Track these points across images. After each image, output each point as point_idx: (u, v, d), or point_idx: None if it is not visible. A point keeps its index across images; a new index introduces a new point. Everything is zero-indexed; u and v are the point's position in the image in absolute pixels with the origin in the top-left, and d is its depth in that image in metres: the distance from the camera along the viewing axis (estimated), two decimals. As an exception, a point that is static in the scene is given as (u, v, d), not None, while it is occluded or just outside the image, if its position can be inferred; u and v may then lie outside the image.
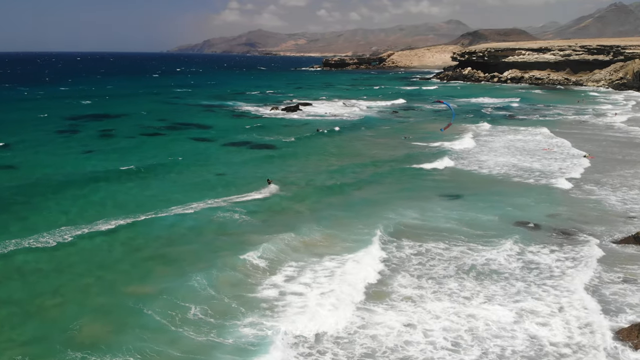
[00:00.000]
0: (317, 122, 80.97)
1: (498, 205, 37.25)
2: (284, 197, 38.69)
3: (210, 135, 67.92)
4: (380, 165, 49.65)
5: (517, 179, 45.67)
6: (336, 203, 37.37)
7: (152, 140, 63.54)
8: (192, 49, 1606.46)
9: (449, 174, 47.22)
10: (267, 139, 65.10)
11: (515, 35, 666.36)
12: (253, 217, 33.80)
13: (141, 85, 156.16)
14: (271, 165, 49.48)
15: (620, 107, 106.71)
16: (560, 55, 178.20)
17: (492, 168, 49.53)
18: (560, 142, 64.58)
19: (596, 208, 37.00)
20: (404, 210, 35.76)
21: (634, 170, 48.78)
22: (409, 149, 58.56)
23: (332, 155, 54.22)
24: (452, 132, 70.93)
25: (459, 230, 31.71)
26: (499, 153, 57.26)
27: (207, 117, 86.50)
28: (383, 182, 43.33)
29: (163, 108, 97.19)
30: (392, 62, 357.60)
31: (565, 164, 51.97)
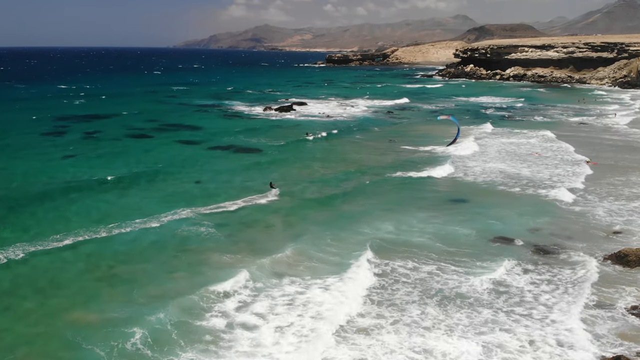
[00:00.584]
0: (309, 124, 79.49)
1: (479, 218, 35.70)
2: (257, 208, 37.28)
3: (197, 137, 66.59)
4: (363, 173, 48.00)
5: (504, 187, 44.01)
6: (311, 217, 35.87)
7: (137, 143, 62.23)
8: (199, 44, 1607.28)
9: (433, 182, 45.60)
10: (254, 142, 63.68)
11: (522, 31, 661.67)
12: (220, 230, 32.41)
13: (139, 83, 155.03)
14: (252, 173, 47.98)
15: (626, 108, 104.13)
16: (564, 53, 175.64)
17: (479, 175, 47.81)
18: (563, 146, 62.62)
19: (582, 222, 35.34)
20: (380, 223, 34.33)
21: (635, 178, 46.99)
22: (397, 155, 56.95)
23: (316, 162, 52.64)
24: (447, 133, 69.41)
25: (431, 247, 30.23)
26: (490, 158, 55.55)
27: (199, 117, 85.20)
28: (363, 193, 41.75)
29: (156, 108, 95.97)
30: (395, 58, 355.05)
31: (559, 170, 50.23)
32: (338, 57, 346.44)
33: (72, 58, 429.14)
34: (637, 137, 69.96)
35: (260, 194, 40.20)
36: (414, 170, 49.33)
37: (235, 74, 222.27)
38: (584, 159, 55.15)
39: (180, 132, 70.91)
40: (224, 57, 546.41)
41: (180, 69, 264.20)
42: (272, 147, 60.60)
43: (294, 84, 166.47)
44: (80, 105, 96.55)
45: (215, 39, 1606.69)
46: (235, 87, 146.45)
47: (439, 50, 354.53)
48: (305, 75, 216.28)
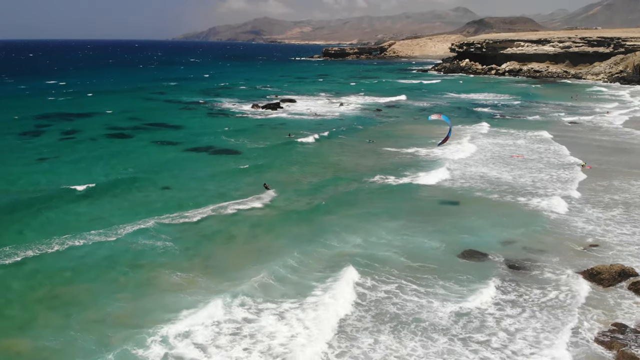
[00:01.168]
0: (294, 124, 78.00)
1: (450, 229, 34.33)
2: (222, 219, 35.86)
3: (177, 137, 65.15)
4: (339, 179, 46.48)
5: (481, 194, 42.61)
6: (277, 229, 34.46)
7: (113, 145, 60.74)
8: (198, 36, 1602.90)
9: (409, 189, 44.07)
10: (234, 143, 62.23)
11: (522, 24, 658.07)
12: (177, 244, 31.04)
13: (130, 79, 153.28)
14: (226, 178, 46.47)
15: (622, 106, 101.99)
16: (560, 47, 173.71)
17: (458, 180, 46.38)
18: (554, 148, 61.33)
19: (559, 233, 33.94)
20: (350, 235, 33.02)
21: (621, 183, 45.61)
22: (377, 158, 55.43)
23: (293, 166, 51.14)
24: (432, 133, 68.01)
25: (395, 262, 28.88)
26: (473, 162, 54.07)
27: (183, 116, 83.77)
28: (336, 202, 40.26)
29: (141, 105, 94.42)
30: (393, 51, 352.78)
31: (543, 175, 48.84)
32: (335, 51, 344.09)
33: (68, 51, 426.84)
34: (633, 139, 68.30)
35: (229, 202, 38.80)
36: (392, 175, 47.90)
37: (229, 69, 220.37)
38: (577, 162, 53.58)
39: (160, 131, 69.50)
40: (222, 50, 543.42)
41: (175, 63, 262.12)
42: (251, 149, 59.12)
43: (287, 80, 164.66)
44: (65, 103, 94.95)
45: (214, 31, 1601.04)
46: (226, 83, 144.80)
47: (436, 44, 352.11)
48: (300, 70, 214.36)
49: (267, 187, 42.77)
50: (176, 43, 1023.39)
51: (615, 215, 37.33)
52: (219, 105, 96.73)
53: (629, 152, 59.28)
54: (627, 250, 31.10)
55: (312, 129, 72.38)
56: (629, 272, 27.62)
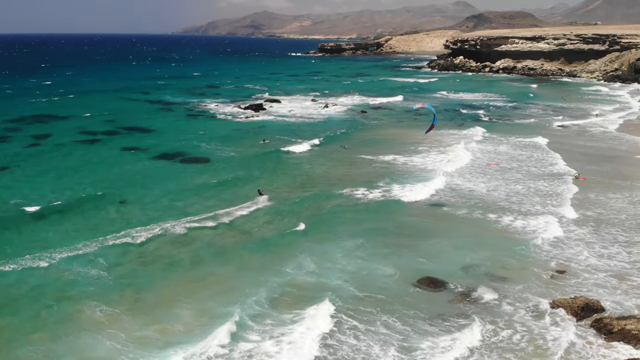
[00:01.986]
0: (273, 127, 75.98)
1: (408, 252, 32.36)
2: (168, 240, 33.81)
3: (147, 143, 63.10)
4: (304, 192, 44.50)
5: (449, 209, 40.58)
6: (227, 252, 32.51)
7: (80, 151, 58.67)
8: (197, 30, 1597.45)
9: (377, 203, 41.93)
10: (205, 149, 60.22)
11: (521, 19, 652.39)
12: (112, 271, 29.06)
13: (118, 77, 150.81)
14: (187, 190, 44.33)
15: (619, 107, 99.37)
16: (555, 45, 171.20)
17: (427, 193, 44.28)
18: (543, 156, 59.44)
19: (525, 257, 31.98)
20: (304, 259, 31.09)
21: (604, 197, 43.60)
22: (350, 167, 53.35)
23: (258, 177, 49.02)
24: (412, 140, 66.05)
25: (343, 292, 26.97)
26: (449, 172, 51.95)
27: (160, 118, 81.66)
28: (297, 218, 38.30)
29: (121, 107, 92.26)
30: (389, 47, 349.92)
31: (520, 187, 46.79)
32: (331, 47, 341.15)
33: (64, 46, 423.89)
34: (620, 144, 66.18)
35: (181, 219, 36.78)
36: (361, 187, 45.82)
37: (221, 65, 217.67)
38: (569, 171, 51.41)
39: (132, 136, 67.55)
40: (219, 45, 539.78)
41: (168, 59, 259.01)
42: (221, 157, 57.05)
43: (278, 77, 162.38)
44: (43, 105, 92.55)
45: (213, 25, 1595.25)
46: (214, 81, 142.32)
47: (433, 39, 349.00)
48: (293, 67, 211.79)
49: (261, 193, 42.99)
50: (175, 37, 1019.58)
51: (585, 234, 35.32)
52: (201, 106, 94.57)
53: (612, 160, 57.14)
54: (594, 278, 29.12)
55: (289, 133, 70.28)
56: (593, 307, 25.65)
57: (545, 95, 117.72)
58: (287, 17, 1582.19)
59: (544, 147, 63.10)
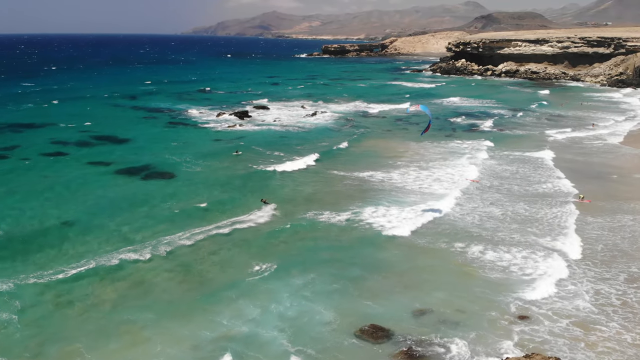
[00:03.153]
0: (252, 137, 73.12)
1: (358, 292, 29.30)
2: (99, 274, 30.91)
3: (115, 156, 60.43)
4: (260, 215, 41.54)
5: (413, 237, 37.37)
6: (156, 293, 29.52)
7: (41, 166, 55.85)
8: (207, 30, 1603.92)
9: (340, 229, 38.82)
10: (174, 162, 57.43)
11: (530, 19, 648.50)
12: (25, 315, 26.26)
13: (110, 81, 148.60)
14: (141, 211, 41.57)
15: (622, 115, 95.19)
16: (558, 48, 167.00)
17: (393, 219, 41.06)
18: (529, 172, 56.27)
19: (486, 299, 28.76)
20: (246, 303, 28.07)
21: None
22: (323, 184, 50.24)
23: (219, 196, 46.08)
24: (393, 153, 62.90)
25: (272, 348, 23.97)
26: (420, 190, 48.74)
27: (138, 127, 78.98)
28: (249, 247, 35.32)
29: (102, 114, 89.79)
30: (394, 49, 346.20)
31: (497, 210, 43.46)
32: (335, 48, 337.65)
33: (69, 48, 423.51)
34: (613, 159, 62.57)
35: (120, 249, 33.89)
36: (327, 209, 42.74)
37: (220, 68, 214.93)
38: (572, 192, 47.82)
39: (103, 147, 65.01)
40: (224, 46, 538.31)
41: (168, 62, 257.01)
42: (187, 172, 54.19)
43: (275, 81, 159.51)
44: (22, 112, 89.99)
45: (223, 25, 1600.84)
46: (208, 86, 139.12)
47: (439, 41, 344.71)
48: (293, 70, 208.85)
49: (265, 202, 43.42)
50: (183, 38, 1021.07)
51: (562, 270, 31.99)
52: (184, 114, 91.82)
53: (603, 179, 53.58)
54: (559, 327, 25.85)
55: (266, 144, 67.35)
56: (550, 366, 22.36)
57: (546, 102, 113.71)
58: (296, 18, 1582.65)
59: (538, 161, 59.68)
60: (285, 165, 56.14)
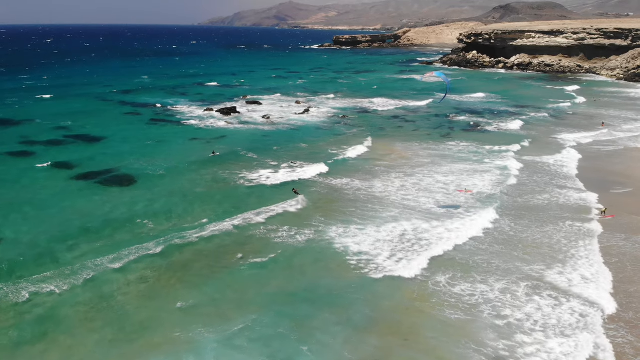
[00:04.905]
0: (235, 136, 68.90)
1: (295, 344, 24.75)
2: (3, 306, 26.85)
3: (82, 157, 56.54)
4: (215, 238, 37.11)
5: (366, 267, 32.73)
6: (88, 335, 25.44)
7: (3, 167, 52.32)
8: (223, 21, 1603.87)
9: (292, 255, 34.17)
10: (140, 165, 53.25)
11: (549, 10, 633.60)
12: None
13: (109, 74, 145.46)
14: (78, 227, 37.20)
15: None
16: (574, 39, 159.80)
17: (363, 244, 36.38)
18: (526, 179, 51.24)
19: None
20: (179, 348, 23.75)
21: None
22: (289, 193, 45.68)
23: (177, 209, 41.66)
24: (379, 156, 58.16)
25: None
26: (416, 208, 44.00)
27: (117, 124, 74.96)
28: (179, 281, 30.95)
29: (86, 109, 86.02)
30: (407, 39, 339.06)
31: (480, 234, 38.61)
32: (346, 39, 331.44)
33: (78, 38, 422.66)
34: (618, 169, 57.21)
35: (29, 278, 29.69)
36: (288, 224, 38.23)
37: (224, 61, 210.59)
38: (595, 206, 42.68)
39: (73, 147, 61.49)
40: (235, 37, 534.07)
41: (172, 54, 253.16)
42: (152, 175, 50.04)
43: (276, 73, 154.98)
44: (5, 108, 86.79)
45: (239, 16, 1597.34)
46: (205, 79, 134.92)
47: (453, 32, 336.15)
48: (298, 62, 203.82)
49: (297, 192, 43.91)
50: (199, 29, 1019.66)
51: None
52: (170, 109, 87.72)
53: (622, 188, 48.28)
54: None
55: (245, 145, 62.87)
56: None
57: (559, 97, 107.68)
58: (312, 8, 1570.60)
59: (550, 168, 54.55)
60: (257, 172, 51.46)
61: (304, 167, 53.27)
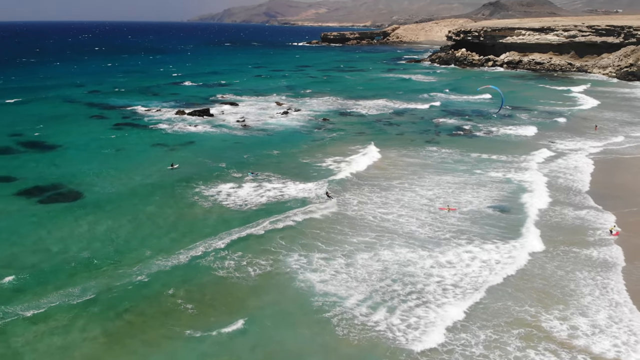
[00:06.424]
0: (203, 142, 63.90)
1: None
2: None
3: (29, 168, 51.52)
4: (168, 261, 32.05)
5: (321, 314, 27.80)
6: None
7: None
8: (213, 18, 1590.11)
9: (251, 295, 29.28)
10: (90, 179, 48.01)
11: (539, 6, 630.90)
12: None
13: (83, 72, 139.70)
14: (5, 262, 32.27)
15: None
16: (565, 37, 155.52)
17: (328, 283, 31.44)
18: (494, 194, 46.43)
19: None
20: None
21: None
22: (248, 214, 40.61)
23: (118, 240, 36.51)
24: (352, 166, 53.22)
25: None
26: (384, 232, 39.13)
27: (79, 129, 69.79)
28: (124, 308, 25.91)
29: (51, 112, 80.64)
30: (396, 36, 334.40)
31: (470, 271, 33.74)
32: (334, 36, 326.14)
33: (67, 36, 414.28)
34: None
35: None
36: (239, 251, 33.20)
37: (207, 58, 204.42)
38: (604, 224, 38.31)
39: (23, 156, 56.69)
40: (223, 34, 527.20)
41: (154, 51, 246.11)
42: (101, 193, 44.77)
43: (259, 72, 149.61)
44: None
45: (229, 12, 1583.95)
46: (182, 79, 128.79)
47: (442, 29, 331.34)
48: (282, 60, 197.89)
49: (329, 196, 42.66)
50: (188, 25, 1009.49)
51: None
52: (139, 112, 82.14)
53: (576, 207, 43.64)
54: None
55: (213, 153, 57.78)
56: None
57: (553, 98, 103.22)
58: (302, 5, 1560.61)
59: (524, 179, 49.89)
60: (217, 188, 46.14)
61: (271, 180, 48.13)
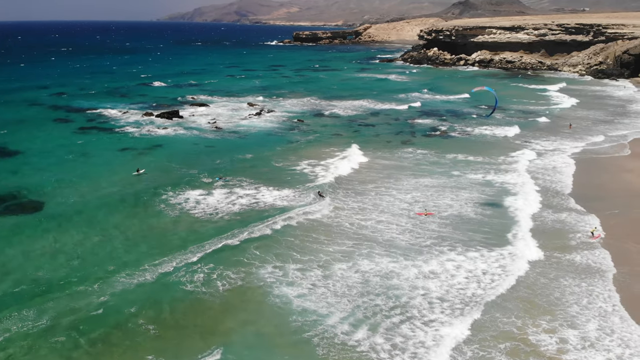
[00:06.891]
0: (173, 145, 61.77)
1: None
2: None
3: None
4: (129, 278, 29.98)
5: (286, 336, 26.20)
6: None
7: None
8: (183, 17, 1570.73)
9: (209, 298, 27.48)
10: (51, 188, 45.43)
11: (508, 5, 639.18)
12: None
13: (45, 74, 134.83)
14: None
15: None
16: (535, 35, 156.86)
17: (307, 298, 29.82)
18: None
19: None
20: None
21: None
22: (209, 232, 38.72)
23: (76, 254, 34.26)
24: (325, 170, 51.65)
25: None
26: (342, 234, 37.66)
27: (41, 133, 66.70)
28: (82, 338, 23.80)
29: (12, 115, 77.35)
30: (368, 36, 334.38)
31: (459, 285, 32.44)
32: (306, 35, 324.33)
33: (30, 35, 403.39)
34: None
35: None
36: (199, 273, 31.34)
37: (177, 58, 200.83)
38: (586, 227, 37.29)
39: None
40: (193, 33, 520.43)
41: (128, 50, 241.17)
42: (62, 203, 42.26)
43: (231, 72, 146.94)
44: None
45: (199, 12, 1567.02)
46: (150, 79, 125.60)
47: (414, 28, 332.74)
48: (254, 60, 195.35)
49: (322, 195, 42.50)
50: (157, 25, 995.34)
51: None
52: (105, 114, 79.17)
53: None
54: None
55: (182, 158, 55.60)
56: None
57: (526, 97, 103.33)
58: (274, 4, 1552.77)
59: (502, 184, 48.99)
60: (185, 194, 44.01)
61: (243, 186, 46.24)
